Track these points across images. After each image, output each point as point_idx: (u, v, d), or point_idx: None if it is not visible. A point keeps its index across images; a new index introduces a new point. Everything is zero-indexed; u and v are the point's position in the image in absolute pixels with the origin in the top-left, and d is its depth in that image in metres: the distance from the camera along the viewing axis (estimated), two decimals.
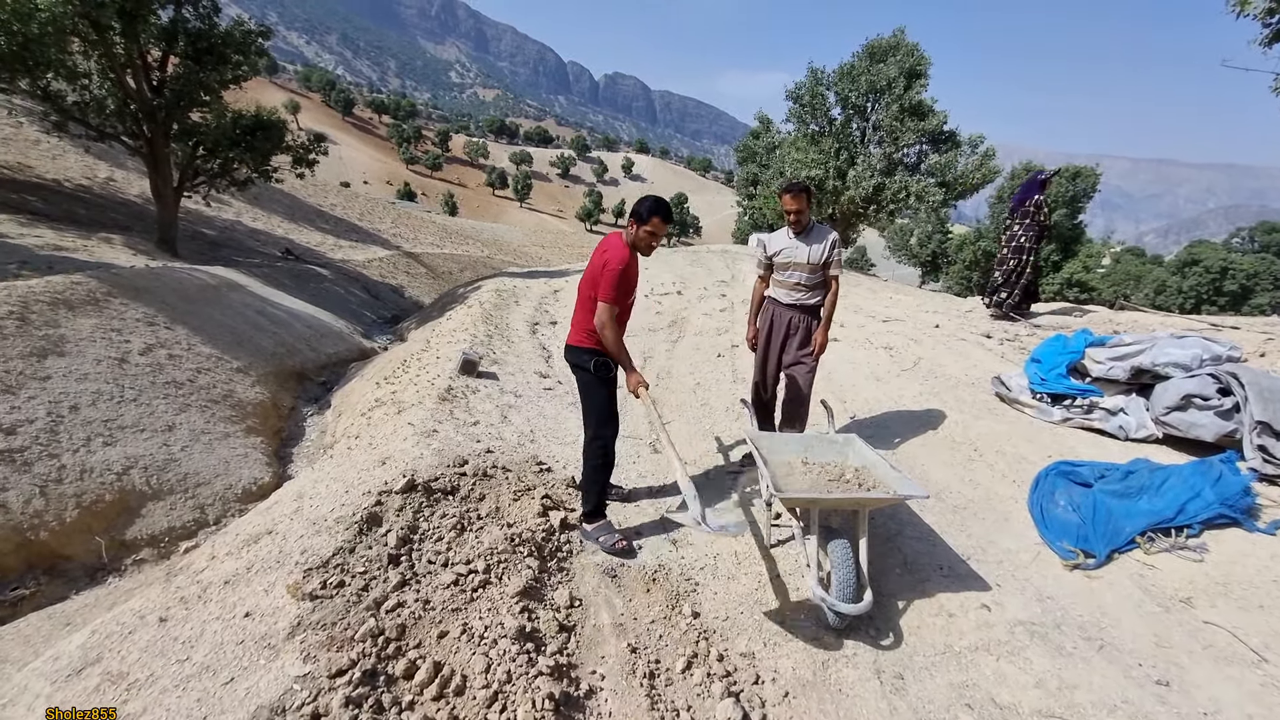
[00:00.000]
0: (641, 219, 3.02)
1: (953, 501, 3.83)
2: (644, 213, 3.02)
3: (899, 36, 16.79)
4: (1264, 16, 7.36)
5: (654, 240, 3.07)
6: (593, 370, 3.12)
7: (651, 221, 3.01)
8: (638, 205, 3.07)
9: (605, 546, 3.13)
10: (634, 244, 3.08)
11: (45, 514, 3.98)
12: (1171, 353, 4.50)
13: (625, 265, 3.00)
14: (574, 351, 3.20)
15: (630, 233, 3.07)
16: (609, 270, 2.96)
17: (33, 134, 15.08)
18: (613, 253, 3.02)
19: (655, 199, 3.08)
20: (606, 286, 2.97)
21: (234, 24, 11.66)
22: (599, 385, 3.15)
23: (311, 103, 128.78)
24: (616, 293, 2.98)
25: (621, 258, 2.99)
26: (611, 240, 3.11)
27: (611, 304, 2.98)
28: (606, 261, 3.00)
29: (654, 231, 3.03)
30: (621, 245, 3.06)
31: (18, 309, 5.28)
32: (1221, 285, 34.90)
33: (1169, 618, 2.85)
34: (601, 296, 2.98)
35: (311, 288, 12.67)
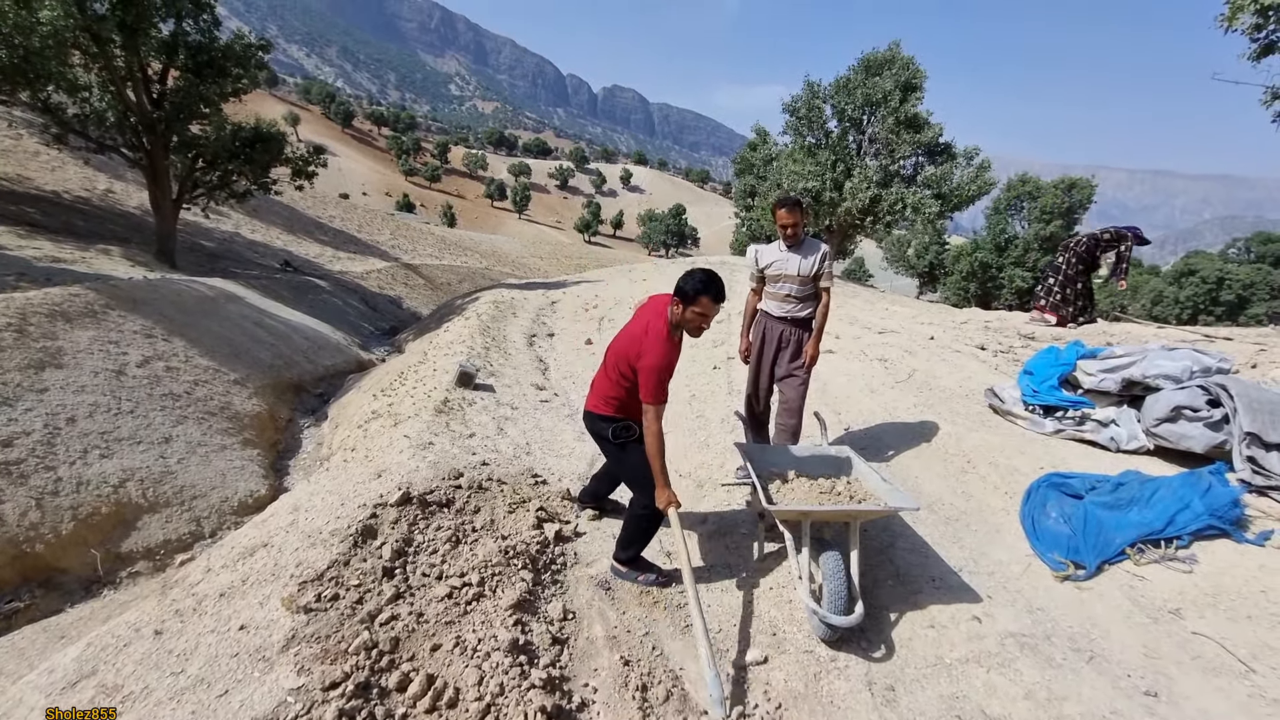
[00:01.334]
0: (688, 299, 2.61)
1: (945, 513, 3.85)
2: (690, 291, 2.59)
3: (894, 50, 17.00)
4: (1251, 32, 7.49)
5: (704, 323, 2.67)
6: (612, 439, 2.87)
7: (700, 302, 2.59)
8: (683, 281, 2.62)
9: (645, 583, 3.01)
10: (678, 324, 2.71)
11: (41, 526, 3.99)
12: (1162, 365, 4.54)
13: (667, 357, 2.65)
14: (593, 419, 2.94)
15: (675, 312, 2.68)
16: (651, 368, 2.59)
17: (32, 146, 15.17)
18: (654, 342, 2.64)
19: (705, 274, 2.62)
20: (650, 387, 2.60)
21: (234, 37, 11.77)
22: (628, 449, 2.90)
23: (311, 115, 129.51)
24: (659, 391, 2.63)
25: (662, 351, 2.63)
26: (655, 320, 2.71)
27: (658, 405, 2.64)
28: (645, 353, 2.63)
29: (703, 313, 2.62)
30: (663, 332, 2.68)
31: (15, 321, 5.31)
32: (1218, 295, 35.13)
33: (1158, 629, 2.87)
34: (645, 398, 2.63)
35: (309, 299, 12.72)
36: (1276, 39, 7.61)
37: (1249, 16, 7.38)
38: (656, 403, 2.63)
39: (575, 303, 10.88)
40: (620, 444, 2.89)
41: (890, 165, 17.10)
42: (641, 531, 2.95)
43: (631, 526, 2.97)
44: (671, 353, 2.69)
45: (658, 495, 2.74)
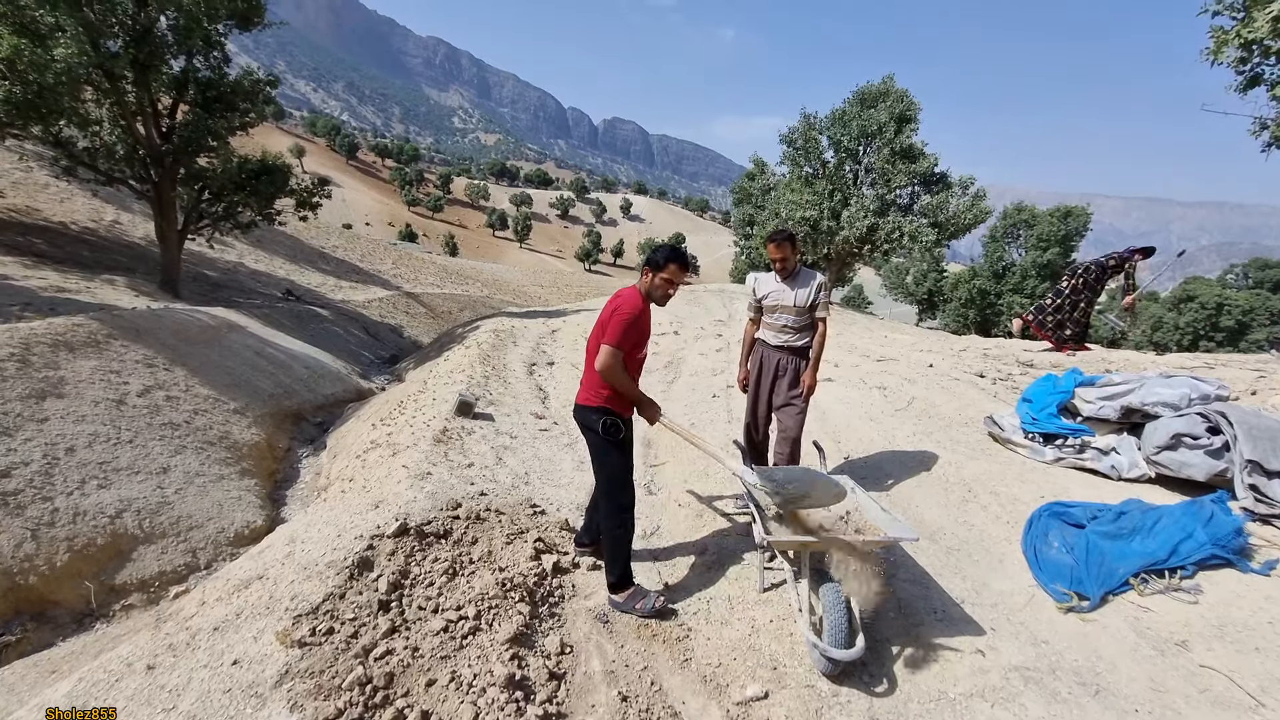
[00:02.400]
0: (658, 266, 2.89)
1: (946, 543, 3.82)
2: (660, 260, 2.89)
3: (889, 83, 17.36)
4: (1236, 65, 7.65)
5: (670, 289, 2.93)
6: (600, 432, 2.94)
7: (668, 269, 2.87)
8: (653, 253, 2.95)
9: (646, 611, 2.98)
10: (649, 293, 2.94)
11: (36, 558, 3.96)
12: (1160, 392, 4.54)
13: (637, 313, 2.87)
14: (582, 411, 3.03)
15: (645, 281, 2.94)
16: (619, 315, 2.83)
17: (42, 178, 15.40)
18: (625, 301, 2.90)
19: (671, 246, 2.96)
20: (614, 330, 2.82)
21: (243, 73, 12.04)
22: (611, 448, 2.97)
23: (317, 147, 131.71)
24: (622, 337, 2.83)
25: (634, 306, 2.88)
26: (624, 291, 3.00)
27: (615, 347, 2.83)
28: (618, 308, 2.87)
29: (670, 279, 2.89)
30: (635, 296, 2.93)
31: (19, 351, 5.34)
32: (1218, 321, 35.21)
33: (1165, 661, 2.83)
34: (606, 339, 2.84)
35: (311, 328, 12.78)
36: (1261, 71, 7.78)
37: (1233, 50, 7.55)
38: (616, 345, 2.82)
39: (576, 331, 10.93)
40: (608, 440, 2.95)
41: (887, 194, 17.32)
42: (614, 540, 2.99)
43: (606, 539, 3.03)
44: (642, 313, 2.92)
45: (641, 411, 2.99)
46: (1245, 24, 7.34)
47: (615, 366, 2.84)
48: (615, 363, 2.84)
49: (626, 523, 3.00)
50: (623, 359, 2.87)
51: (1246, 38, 7.34)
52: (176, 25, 10.13)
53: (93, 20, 8.88)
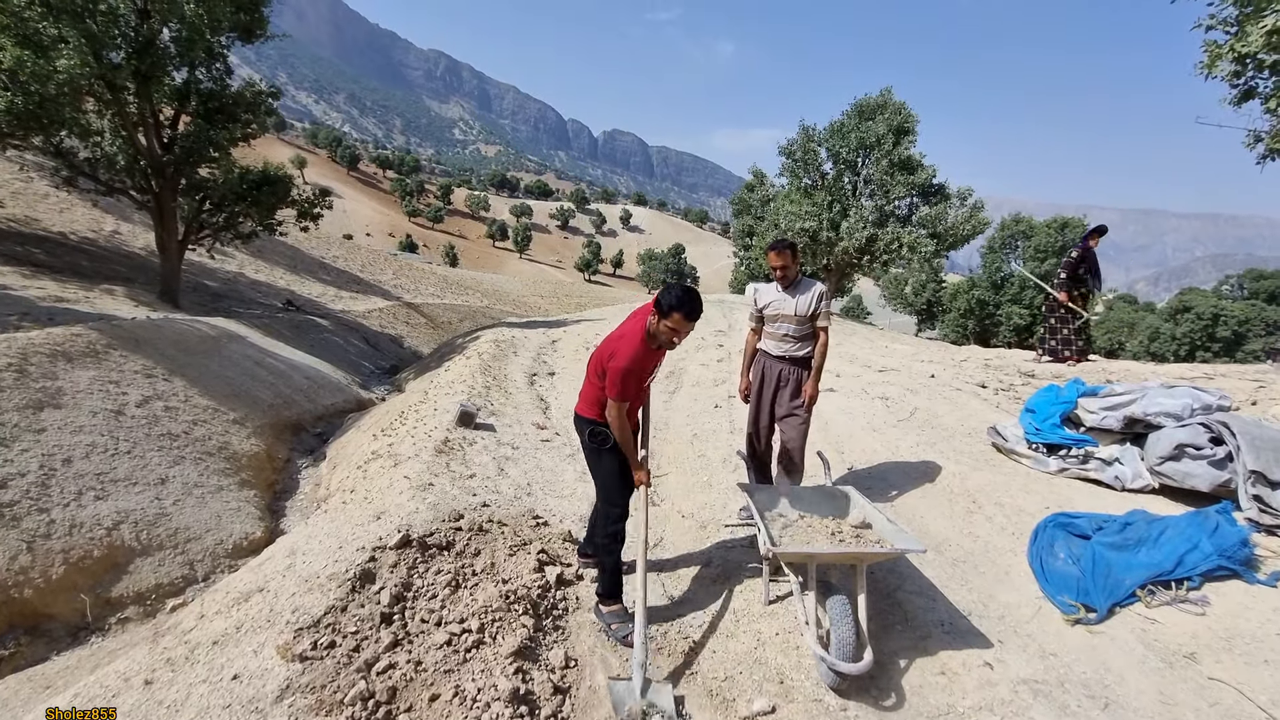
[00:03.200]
0: (662, 312, 2.72)
1: (952, 555, 3.79)
2: (665, 306, 2.71)
3: (887, 95, 17.48)
4: (1230, 79, 7.71)
5: (675, 338, 2.79)
6: (589, 439, 2.99)
7: (672, 317, 2.70)
8: (662, 294, 2.77)
9: (618, 636, 2.90)
10: (654, 334, 2.82)
11: (31, 570, 3.92)
12: (1162, 402, 4.53)
13: (634, 363, 2.79)
14: (578, 420, 3.07)
15: (652, 322, 2.81)
16: (615, 368, 2.75)
17: (42, 188, 15.42)
18: (626, 344, 2.80)
19: (684, 290, 2.75)
20: (612, 380, 2.77)
21: (245, 85, 12.10)
22: (602, 455, 2.98)
23: (318, 158, 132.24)
24: (622, 390, 2.78)
25: (631, 352, 2.78)
26: (634, 327, 2.87)
27: (618, 401, 2.80)
28: (615, 354, 2.78)
29: (675, 329, 2.74)
30: (638, 337, 2.82)
31: (16, 361, 5.31)
32: (1214, 332, 35.30)
33: (1173, 674, 2.80)
34: (609, 393, 2.80)
35: (311, 338, 12.76)
36: (1255, 85, 7.83)
37: (1227, 64, 7.61)
38: (617, 399, 2.80)
39: (576, 341, 10.92)
40: (594, 448, 2.99)
41: (885, 206, 17.39)
42: (603, 547, 2.99)
43: (602, 547, 3.01)
44: (642, 357, 2.83)
45: (633, 474, 2.97)
46: (1239, 38, 7.40)
47: (618, 418, 2.84)
48: (618, 415, 2.84)
49: (618, 532, 2.97)
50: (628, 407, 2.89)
51: (1240, 52, 7.40)
52: (179, 37, 10.18)
53: (95, 32, 8.92)
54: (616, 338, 2.89)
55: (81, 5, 8.69)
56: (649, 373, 2.96)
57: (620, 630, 2.91)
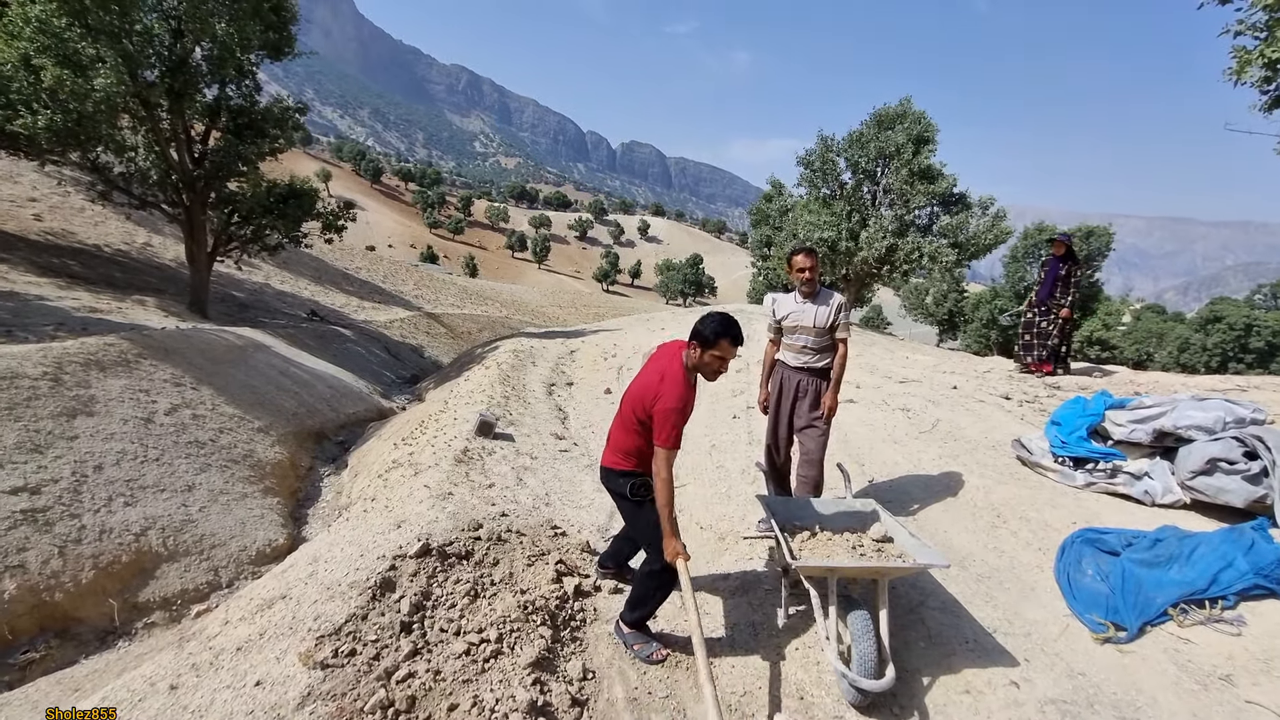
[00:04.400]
0: (707, 342, 2.58)
1: (976, 570, 3.72)
2: (709, 335, 2.57)
3: (906, 105, 17.38)
4: (1260, 84, 7.56)
5: (722, 367, 2.64)
6: (630, 495, 2.75)
7: (719, 345, 2.57)
8: (701, 324, 2.62)
9: (641, 656, 2.84)
10: (695, 367, 2.67)
11: (62, 575, 4.01)
12: (1193, 415, 4.42)
13: (684, 399, 2.57)
14: (609, 475, 2.82)
15: (692, 356, 2.64)
16: (667, 410, 2.52)
17: (78, 202, 15.90)
18: (669, 385, 2.58)
19: (723, 317, 2.61)
20: (665, 430, 2.53)
21: (273, 101, 12.40)
22: (645, 507, 2.75)
23: (343, 171, 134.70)
24: (675, 435, 2.55)
25: (679, 393, 2.56)
26: (670, 361, 2.69)
27: (671, 450, 2.55)
28: (661, 396, 2.56)
29: (722, 357, 2.60)
30: (679, 375, 2.62)
31: (52, 370, 5.47)
32: (1247, 342, 34.39)
33: (1208, 696, 2.71)
34: (659, 440, 2.55)
35: (334, 348, 12.95)
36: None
37: (1257, 70, 7.46)
38: (670, 447, 2.54)
39: (594, 351, 10.96)
40: (638, 501, 2.76)
41: (905, 215, 17.25)
42: (650, 592, 2.81)
43: (640, 587, 2.85)
44: (689, 395, 2.61)
45: (665, 546, 2.60)
46: (1269, 44, 7.26)
47: (668, 474, 2.57)
48: (668, 468, 2.57)
49: (666, 584, 2.76)
50: None
51: (1271, 57, 7.25)
52: (211, 55, 10.49)
53: (131, 51, 9.21)
54: (656, 380, 2.65)
55: (119, 26, 8.99)
56: (690, 414, 2.69)
57: (644, 650, 2.85)
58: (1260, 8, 7.25)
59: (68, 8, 8.50)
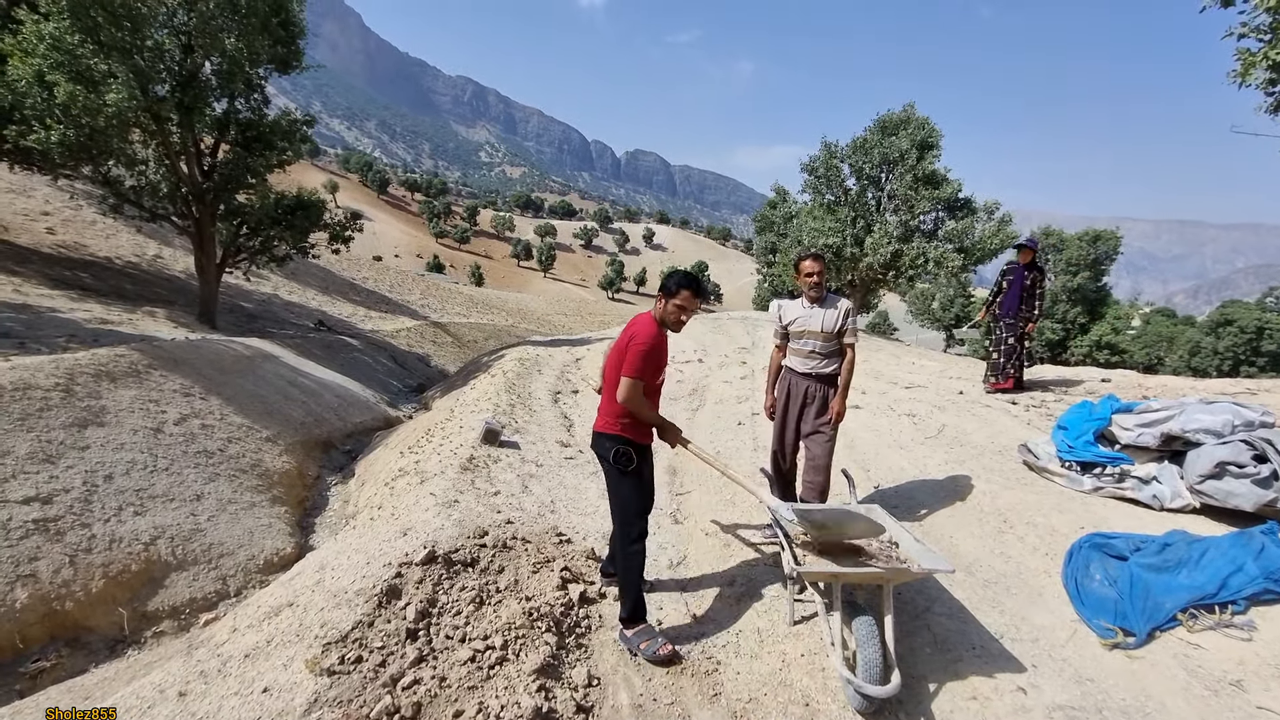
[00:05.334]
0: (670, 293, 2.92)
1: (983, 575, 3.71)
2: (672, 286, 2.92)
3: (909, 111, 17.41)
4: (1265, 87, 7.53)
5: (684, 315, 2.94)
6: (612, 460, 2.95)
7: (680, 295, 2.90)
8: (666, 279, 2.99)
9: (648, 655, 2.85)
10: (663, 320, 2.96)
11: (73, 584, 4.04)
12: (1201, 419, 4.40)
13: (654, 342, 2.88)
14: (598, 439, 3.06)
15: (659, 308, 2.97)
16: (635, 344, 2.85)
17: (90, 215, 16.12)
18: (641, 329, 2.91)
19: (684, 272, 3.00)
20: (631, 361, 2.83)
21: (281, 114, 12.55)
22: (623, 477, 2.96)
23: (350, 183, 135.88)
24: (642, 366, 2.84)
25: (650, 334, 2.88)
26: (639, 318, 3.01)
27: (636, 378, 2.84)
28: (634, 336, 2.88)
29: (683, 305, 2.91)
30: (650, 323, 2.95)
31: (63, 380, 5.53)
32: (1259, 345, 34.05)
33: (1218, 702, 2.69)
34: (625, 371, 2.84)
35: (341, 357, 13.03)
36: None
37: (1261, 72, 7.43)
38: (633, 376, 2.83)
39: (599, 359, 10.98)
40: (620, 470, 2.95)
41: (910, 220, 17.23)
42: (624, 570, 2.95)
43: (621, 573, 2.98)
44: (659, 340, 2.93)
45: (666, 438, 3.07)
46: (1273, 45, 7.24)
47: (636, 397, 2.86)
48: (636, 393, 2.86)
49: (638, 554, 2.95)
50: (643, 388, 2.89)
51: (1275, 59, 7.23)
52: (220, 70, 10.65)
53: (143, 67, 9.36)
54: (628, 335, 2.94)
55: (130, 42, 9.14)
56: (664, 363, 3.03)
57: (650, 648, 2.86)
58: (1264, 10, 7.24)
59: (81, 25, 8.66)
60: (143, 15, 9.20)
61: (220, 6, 9.88)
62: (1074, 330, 30.09)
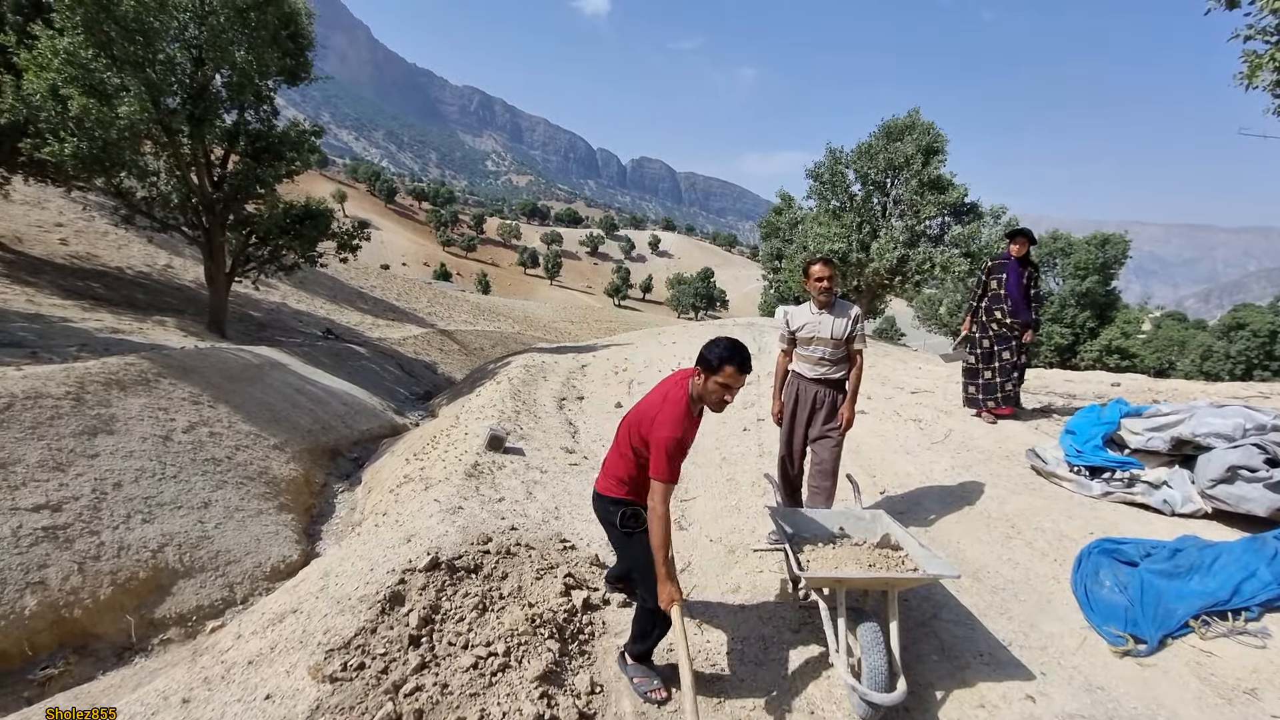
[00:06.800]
0: (711, 368, 2.42)
1: (991, 582, 3.67)
2: (714, 360, 2.41)
3: (914, 116, 17.40)
4: (1272, 89, 7.47)
5: (727, 395, 2.48)
6: (619, 525, 2.61)
7: (724, 371, 2.41)
8: (706, 350, 2.46)
9: (639, 691, 2.70)
10: (700, 398, 2.52)
11: (81, 591, 4.07)
12: (1212, 422, 4.35)
13: (685, 429, 2.42)
14: (601, 501, 2.69)
15: (697, 384, 2.50)
16: (664, 439, 2.35)
17: (102, 226, 16.32)
18: (671, 409, 2.43)
19: (730, 342, 2.46)
20: (662, 461, 2.35)
21: (290, 125, 12.69)
22: (635, 538, 2.61)
23: (357, 192, 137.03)
24: (672, 468, 2.38)
25: (681, 421, 2.41)
26: (673, 391, 2.53)
27: (668, 484, 2.38)
28: (659, 422, 2.39)
29: (727, 385, 2.44)
30: (683, 402, 2.47)
31: (74, 389, 5.59)
32: (1272, 349, 33.67)
33: (1232, 711, 2.64)
34: (655, 472, 2.37)
35: (349, 365, 13.10)
36: None
37: (1268, 74, 7.37)
38: (667, 480, 2.36)
39: (605, 366, 10.99)
40: (628, 533, 2.62)
41: (916, 226, 17.21)
42: (648, 629, 2.69)
43: (638, 623, 2.74)
44: (689, 426, 2.46)
45: (659, 591, 2.42)
46: (1279, 47, 7.19)
47: (664, 510, 2.38)
48: (665, 505, 2.38)
49: (663, 622, 2.62)
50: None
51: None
52: (230, 82, 10.79)
53: (154, 80, 9.50)
54: (657, 403, 2.50)
55: (143, 56, 9.29)
56: (689, 446, 2.51)
57: (643, 685, 2.72)
58: (1269, 11, 7.19)
59: (94, 39, 8.80)
60: (155, 29, 9.34)
61: (231, 20, 10.03)
62: (1083, 335, 29.86)
